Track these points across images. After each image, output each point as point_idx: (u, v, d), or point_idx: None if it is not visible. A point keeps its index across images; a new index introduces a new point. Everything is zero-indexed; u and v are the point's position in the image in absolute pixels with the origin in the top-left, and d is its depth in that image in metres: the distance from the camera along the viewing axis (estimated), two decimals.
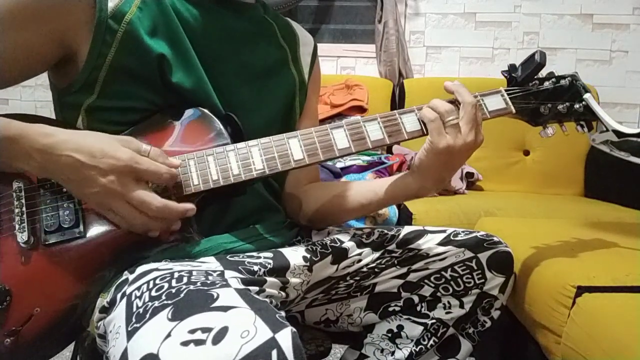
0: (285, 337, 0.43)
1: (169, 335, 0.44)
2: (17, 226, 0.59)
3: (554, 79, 0.77)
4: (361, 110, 1.98)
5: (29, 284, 0.58)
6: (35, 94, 2.65)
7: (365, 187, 0.79)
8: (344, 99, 1.98)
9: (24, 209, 0.60)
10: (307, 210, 0.83)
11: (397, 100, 2.21)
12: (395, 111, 0.71)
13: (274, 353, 0.41)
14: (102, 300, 0.60)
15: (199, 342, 0.42)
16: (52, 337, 0.60)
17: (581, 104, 0.76)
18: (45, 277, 0.59)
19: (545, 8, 2.24)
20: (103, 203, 0.59)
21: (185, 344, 0.42)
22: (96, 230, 0.61)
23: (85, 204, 0.61)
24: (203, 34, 0.72)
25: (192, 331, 0.43)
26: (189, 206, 0.61)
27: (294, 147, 0.67)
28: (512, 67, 0.78)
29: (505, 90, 0.75)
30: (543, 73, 0.78)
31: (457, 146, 0.67)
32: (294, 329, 0.44)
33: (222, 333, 0.42)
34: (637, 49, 2.18)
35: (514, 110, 0.74)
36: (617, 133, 0.74)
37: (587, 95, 0.75)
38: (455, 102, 0.70)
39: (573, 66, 2.23)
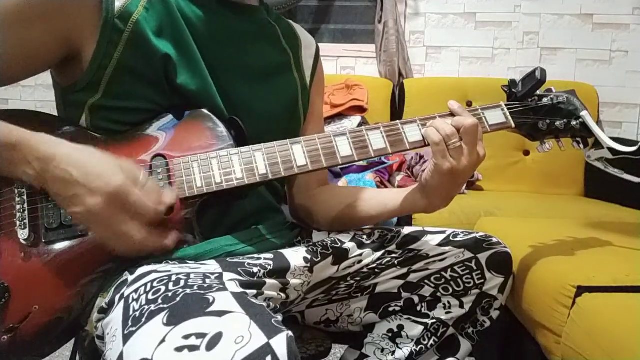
0: (280, 343, 0.42)
1: (163, 340, 0.43)
2: (18, 223, 0.60)
3: (552, 96, 0.79)
4: (361, 110, 1.97)
5: (28, 281, 0.58)
6: (35, 94, 2.65)
7: (375, 199, 0.80)
8: (344, 99, 1.98)
9: (25, 205, 0.60)
10: (320, 218, 0.85)
11: (397, 101, 2.21)
12: (397, 121, 0.72)
13: (269, 359, 0.41)
14: (102, 301, 0.60)
15: (193, 348, 0.42)
16: (50, 335, 0.60)
17: (578, 121, 0.77)
18: (44, 275, 0.59)
19: (545, 8, 2.24)
20: (84, 223, 0.58)
21: (179, 349, 0.42)
22: None
23: None
24: (208, 35, 0.72)
25: (187, 337, 0.43)
26: (169, 243, 0.61)
27: (297, 153, 0.68)
28: (512, 83, 0.80)
29: (505, 105, 0.77)
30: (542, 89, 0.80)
31: (462, 167, 0.68)
32: (290, 334, 0.44)
33: (217, 339, 0.42)
34: (637, 49, 2.18)
35: (513, 125, 0.76)
36: (612, 151, 0.76)
37: (584, 113, 0.77)
38: (453, 116, 0.71)
39: (573, 66, 2.24)
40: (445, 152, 0.68)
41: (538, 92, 0.79)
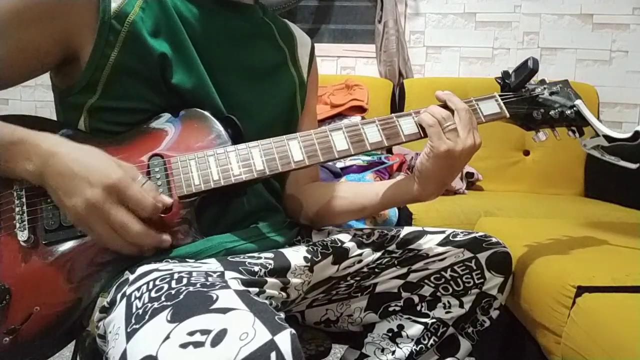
0: (285, 340, 0.42)
1: (167, 337, 0.44)
2: (17, 225, 0.60)
3: (546, 85, 0.79)
4: (361, 110, 1.97)
5: (29, 282, 0.58)
6: (35, 94, 2.65)
7: (366, 190, 0.80)
8: (344, 99, 1.98)
9: (24, 207, 0.60)
10: (307, 210, 0.84)
11: (397, 100, 2.21)
12: (393, 114, 0.73)
13: (273, 355, 0.41)
14: (103, 300, 0.60)
15: (197, 344, 0.42)
16: (51, 336, 0.60)
17: (572, 110, 0.78)
18: (45, 276, 0.59)
19: (545, 8, 2.24)
20: (82, 217, 0.57)
21: (184, 346, 0.42)
22: None
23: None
24: (204, 34, 0.72)
25: (191, 333, 0.43)
26: (166, 238, 0.61)
27: (293, 148, 0.68)
28: (505, 74, 0.81)
29: (499, 96, 0.77)
30: (536, 79, 0.80)
31: (458, 150, 0.68)
32: (294, 331, 0.44)
33: (221, 335, 0.42)
34: (637, 49, 2.18)
35: (507, 115, 0.77)
36: (608, 138, 0.76)
37: (577, 102, 0.78)
38: (449, 109, 0.71)
39: (573, 66, 2.24)
40: (441, 134, 0.68)
41: (532, 83, 0.79)
